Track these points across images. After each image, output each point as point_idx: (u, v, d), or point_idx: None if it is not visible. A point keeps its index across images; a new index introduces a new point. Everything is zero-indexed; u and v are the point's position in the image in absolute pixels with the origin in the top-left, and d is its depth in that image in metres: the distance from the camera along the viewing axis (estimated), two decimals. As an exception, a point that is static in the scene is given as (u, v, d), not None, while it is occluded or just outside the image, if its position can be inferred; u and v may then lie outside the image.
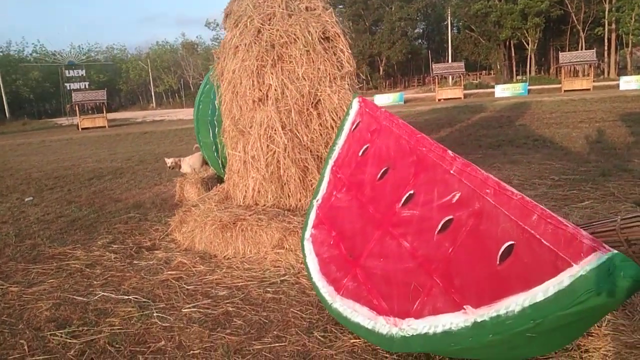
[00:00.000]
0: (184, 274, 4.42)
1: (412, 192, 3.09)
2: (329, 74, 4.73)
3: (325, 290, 3.31)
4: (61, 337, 3.37)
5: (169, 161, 8.05)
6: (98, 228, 6.33)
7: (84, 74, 44.58)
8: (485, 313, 2.18)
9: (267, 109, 4.71)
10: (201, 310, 3.66)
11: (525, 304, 2.02)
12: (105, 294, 4.09)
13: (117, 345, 3.23)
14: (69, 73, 43.01)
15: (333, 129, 4.77)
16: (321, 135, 4.80)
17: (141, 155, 14.83)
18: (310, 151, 4.80)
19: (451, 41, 47.74)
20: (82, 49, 60.29)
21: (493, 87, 34.49)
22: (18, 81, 50.92)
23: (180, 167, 8.09)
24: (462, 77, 34.66)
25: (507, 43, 48.05)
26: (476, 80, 47.73)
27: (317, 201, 4.08)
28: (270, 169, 4.80)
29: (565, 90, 30.13)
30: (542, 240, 2.08)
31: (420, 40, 63.60)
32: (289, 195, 4.86)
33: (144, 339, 3.30)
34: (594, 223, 2.89)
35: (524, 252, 2.16)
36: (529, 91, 32.14)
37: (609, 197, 5.77)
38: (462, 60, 47.39)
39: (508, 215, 2.30)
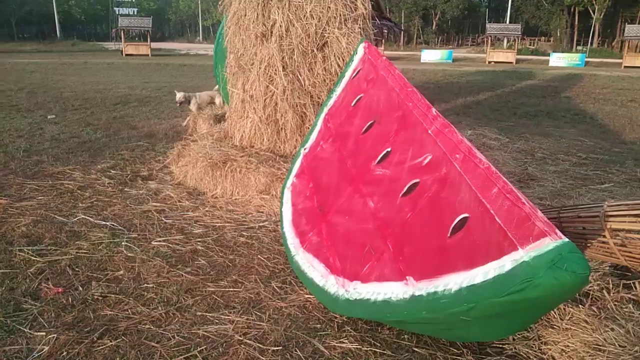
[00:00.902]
0: (168, 207, 4.37)
1: (389, 149, 2.86)
2: (340, 15, 4.40)
3: (291, 242, 3.18)
4: (27, 253, 3.39)
5: (179, 95, 7.84)
6: (104, 152, 6.34)
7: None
8: (424, 287, 1.99)
9: (270, 47, 4.46)
10: (170, 245, 3.61)
11: (464, 285, 1.82)
12: (85, 217, 4.08)
13: (76, 269, 3.22)
14: (119, -3, 43.03)
15: (338, 74, 4.49)
16: (324, 80, 4.53)
17: (172, 87, 14.75)
18: (311, 96, 4.55)
19: (512, 1, 44.85)
20: (136, -27, 60.11)
21: (549, 54, 32.47)
22: (71, 1, 51.43)
23: (189, 102, 7.90)
24: (516, 41, 32.72)
25: (572, 10, 44.78)
26: (533, 45, 45.08)
27: (304, 149, 3.89)
28: (267, 111, 4.60)
29: (625, 67, 28.07)
30: (495, 217, 1.84)
31: (480, -2, 60.35)
32: (284, 141, 4.67)
33: (105, 265, 3.28)
34: (581, 206, 2.61)
35: (475, 228, 1.93)
36: (586, 63, 30.11)
37: (634, 183, 5.35)
38: (522, 23, 44.76)
39: (470, 184, 2.06)
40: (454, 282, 1.87)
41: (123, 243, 3.59)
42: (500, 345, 2.47)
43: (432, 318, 1.94)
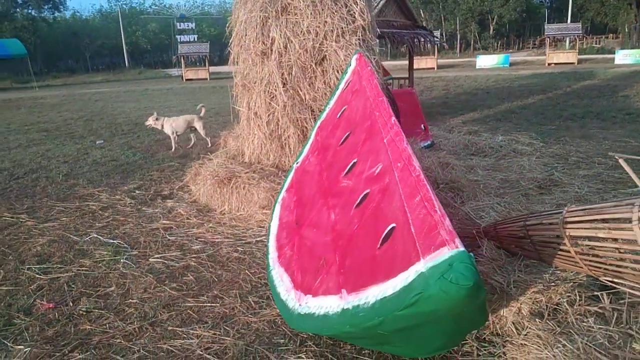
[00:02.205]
0: (175, 224, 4.52)
1: (355, 160, 2.82)
2: (337, 28, 4.41)
3: (271, 256, 3.19)
4: (33, 271, 3.62)
5: (150, 119, 7.90)
6: (136, 173, 6.66)
7: (194, 27, 46.55)
8: (352, 301, 1.94)
9: (269, 64, 4.53)
10: (166, 261, 3.72)
11: (378, 297, 1.76)
12: (96, 235, 4.30)
13: (72, 285, 3.39)
14: (180, 26, 45.21)
15: (337, 88, 4.47)
16: (325, 94, 4.54)
17: (220, 108, 15.31)
18: (312, 110, 4.57)
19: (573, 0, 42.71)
20: (196, 1, 63.08)
21: (615, 52, 30.55)
22: (137, 32, 54.68)
23: (162, 126, 7.94)
24: (577, 40, 31.05)
25: (640, 3, 41.94)
26: (599, 44, 42.59)
27: (297, 164, 3.91)
28: (271, 127, 4.66)
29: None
30: (411, 226, 1.77)
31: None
32: (288, 155, 4.71)
33: (99, 282, 3.44)
34: (545, 213, 2.42)
35: (397, 237, 1.87)
36: (658, 59, 28.07)
37: (672, 185, 4.90)
38: (587, 21, 42.46)
39: (401, 193, 2.00)
40: (372, 294, 1.81)
41: (122, 260, 3.75)
42: (465, 361, 2.35)
43: (355, 332, 1.88)
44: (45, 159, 7.95)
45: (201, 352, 2.55)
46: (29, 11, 50.11)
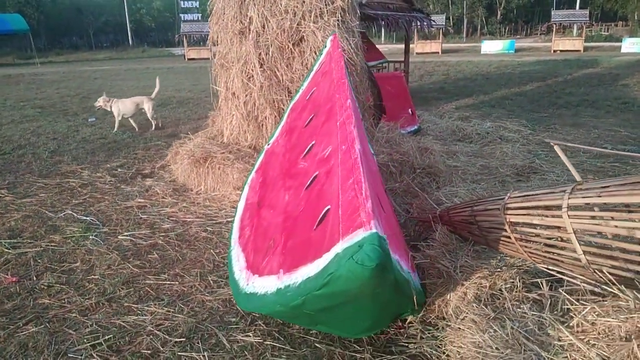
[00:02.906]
0: (150, 203, 4.54)
1: (313, 142, 2.81)
2: (315, 9, 4.36)
3: (233, 236, 3.21)
4: (3, 245, 3.65)
5: (99, 100, 7.90)
6: (122, 151, 6.68)
7: (198, 6, 46.10)
8: (285, 281, 1.95)
9: (247, 44, 4.50)
10: (134, 239, 3.75)
11: (304, 278, 1.77)
12: (70, 212, 4.33)
13: (38, 260, 3.43)
14: (183, 4, 44.77)
15: (314, 69, 4.44)
16: (302, 75, 4.50)
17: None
18: (289, 92, 4.54)
19: (582, -16, 41.82)
20: (201, -21, 62.43)
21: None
22: (142, 10, 54.33)
23: (110, 107, 7.90)
24: (583, 27, 30.59)
25: (653, -11, 41.09)
26: (607, 31, 41.94)
27: (267, 145, 3.90)
28: (248, 108, 4.64)
29: None
30: (339, 208, 1.77)
31: (550, -17, 56.92)
32: (265, 137, 4.69)
33: (65, 258, 3.47)
34: (490, 199, 2.41)
35: (329, 219, 1.88)
36: (667, 47, 27.61)
37: (652, 175, 4.87)
38: (597, 8, 41.72)
39: (339, 176, 1.99)
40: (301, 275, 1.82)
41: (91, 237, 3.78)
42: (406, 344, 2.37)
43: (286, 312, 1.90)
44: (35, 135, 7.96)
45: (152, 329, 2.58)
46: (33, -14, 49.74)
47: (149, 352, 2.39)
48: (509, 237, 2.18)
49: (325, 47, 4.05)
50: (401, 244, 2.39)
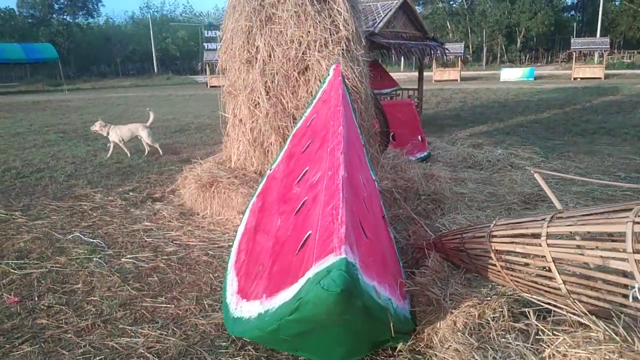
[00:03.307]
0: (156, 226, 4.61)
1: (307, 168, 2.85)
2: (320, 38, 4.46)
3: (230, 260, 3.24)
4: (10, 266, 3.74)
5: (97, 125, 8.05)
6: (135, 175, 6.82)
7: (221, 36, 47.31)
8: (265, 305, 1.97)
9: (254, 72, 4.61)
10: (137, 262, 3.81)
11: (281, 302, 1.78)
12: (78, 234, 4.43)
13: (42, 281, 3.50)
14: (207, 34, 46.03)
15: (320, 97, 4.52)
16: (307, 103, 4.57)
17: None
18: (294, 118, 4.61)
19: (602, 13, 41.76)
20: (225, 10, 64.24)
21: (646, 67, 29.79)
22: (167, 39, 55.98)
23: (107, 133, 8.05)
24: (604, 55, 30.39)
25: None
26: (630, 59, 41.56)
27: (270, 170, 3.95)
28: (254, 134, 4.73)
29: None
30: (317, 233, 1.79)
31: (571, 13, 57.05)
32: (271, 162, 4.75)
33: (68, 279, 3.54)
34: (479, 226, 2.39)
35: (309, 244, 1.89)
36: (692, 75, 27.21)
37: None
38: (619, 35, 41.51)
39: (322, 201, 2.02)
40: (279, 299, 1.83)
41: (95, 259, 3.85)
42: (393, 373, 2.35)
43: (263, 337, 1.91)
44: (55, 159, 8.20)
45: (143, 351, 2.60)
46: (64, 17, 51.81)
47: (137, 374, 2.41)
48: (495, 265, 2.16)
49: (329, 75, 4.13)
50: (389, 270, 2.39)
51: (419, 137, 6.96)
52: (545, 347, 1.68)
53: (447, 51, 10.82)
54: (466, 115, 13.15)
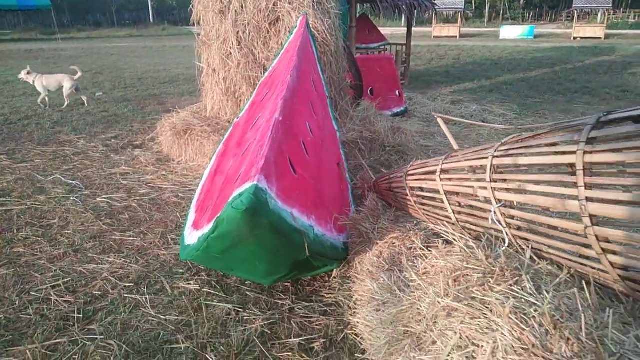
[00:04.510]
0: (133, 171, 4.86)
1: (260, 114, 3.08)
2: (290, -10, 4.58)
3: (193, 201, 3.50)
4: (-8, 203, 4.01)
5: (22, 73, 8.13)
6: (120, 123, 7.02)
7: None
8: (203, 230, 2.24)
9: (226, 23, 4.75)
10: (110, 201, 4.08)
11: (212, 225, 2.05)
12: (59, 176, 4.68)
13: (22, 217, 3.78)
14: (204, -17, 45.00)
15: (290, 49, 4.67)
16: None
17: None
18: (265, 69, 4.78)
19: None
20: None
21: (647, 27, 29.36)
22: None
23: (33, 82, 8.12)
24: (605, 14, 29.92)
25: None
26: (635, 19, 40.78)
27: (237, 118, 4.17)
28: (227, 84, 4.91)
29: None
30: (244, 166, 2.05)
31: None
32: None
33: (46, 215, 3.82)
34: (403, 168, 2.63)
35: (241, 177, 2.14)
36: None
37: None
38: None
39: (258, 140, 2.26)
40: (212, 223, 2.10)
41: (72, 198, 4.12)
42: (325, 295, 2.67)
43: (200, 256, 2.19)
44: (43, 107, 8.35)
45: (107, 275, 2.91)
46: (58, -38, 50.25)
47: (99, 293, 2.72)
48: (410, 201, 2.42)
49: (296, 27, 4.28)
50: (324, 206, 2.65)
51: (397, 92, 7.12)
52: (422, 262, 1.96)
53: (436, 7, 10.78)
54: (455, 73, 13.20)
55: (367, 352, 2.06)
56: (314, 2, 4.66)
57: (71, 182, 4.54)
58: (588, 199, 1.29)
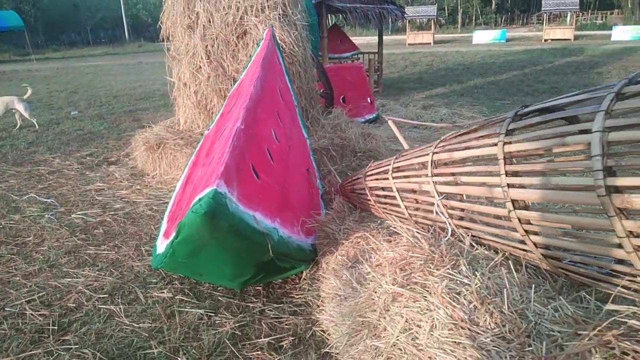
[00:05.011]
0: (108, 186, 4.91)
1: (227, 125, 3.17)
2: (256, 3, 4.70)
3: (165, 212, 3.57)
4: (-34, 224, 4.02)
5: None
6: (95, 141, 7.05)
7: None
8: (170, 237, 2.32)
9: (195, 37, 4.85)
10: (85, 217, 4.13)
11: (176, 230, 2.13)
12: (34, 195, 4.71)
13: (-4, 236, 3.80)
14: (179, -1, 45.13)
15: (258, 61, 4.79)
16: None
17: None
18: (235, 81, 4.89)
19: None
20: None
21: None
22: (138, 5, 54.65)
23: None
24: (574, 16, 30.76)
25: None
26: (603, 19, 41.99)
27: (207, 130, 4.26)
28: (198, 97, 5.00)
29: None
30: (210, 168, 2.14)
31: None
32: (214, 124, 5.05)
33: (21, 233, 3.85)
34: (363, 170, 2.76)
35: (206, 178, 2.24)
36: (659, 35, 27.70)
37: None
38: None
39: (219, 150, 2.36)
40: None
41: (47, 216, 4.16)
42: (295, 296, 2.76)
43: (168, 262, 2.28)
44: (18, 128, 8.33)
45: (82, 288, 2.96)
46: (29, -17, 49.93)
47: (74, 305, 2.78)
48: (370, 200, 2.54)
49: (262, 39, 4.40)
50: (290, 209, 2.76)
51: (368, 99, 7.28)
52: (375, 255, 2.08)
53: (406, 15, 11.03)
54: (428, 78, 13.47)
55: (331, 345, 2.16)
56: (280, 14, 4.80)
57: (46, 200, 4.57)
58: (509, 185, 1.41)
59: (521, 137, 1.39)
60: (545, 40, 29.93)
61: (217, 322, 2.56)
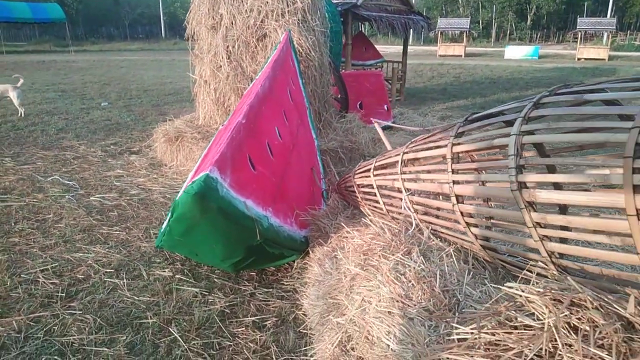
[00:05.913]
0: (127, 174, 5.19)
1: (234, 120, 3.39)
2: (277, 9, 4.93)
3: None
4: (-6, 199, 4.34)
5: None
6: (120, 131, 7.38)
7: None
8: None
9: (217, 38, 5.11)
10: (102, 200, 4.40)
11: (171, 209, 2.34)
12: (57, 177, 5.01)
13: (20, 212, 4.10)
14: (215, -1, 46.02)
15: (276, 63, 5.01)
16: (264, 68, 5.08)
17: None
18: (252, 81, 5.12)
19: (617, -7, 41.24)
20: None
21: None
22: (176, 3, 55.92)
23: None
24: (609, 36, 30.26)
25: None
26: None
27: (221, 126, 4.49)
28: (217, 95, 5.25)
29: None
30: (211, 155, 2.35)
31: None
32: (232, 121, 5.29)
33: (42, 211, 4.14)
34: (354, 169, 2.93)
35: (204, 165, 2.45)
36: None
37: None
38: (633, 17, 40.85)
39: (225, 138, 2.58)
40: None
41: (67, 197, 4.45)
42: (285, 282, 2.95)
43: (166, 240, 2.49)
44: (49, 115, 8.75)
45: (91, 262, 3.21)
46: (74, -23, 51.63)
47: (83, 277, 3.03)
48: (358, 197, 2.71)
49: (280, 42, 4.62)
50: (285, 201, 2.95)
51: (385, 106, 7.44)
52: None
53: (432, 26, 11.15)
54: (452, 90, 13.53)
55: (307, 325, 2.34)
56: (299, 20, 5.01)
57: (68, 182, 4.87)
58: (454, 182, 1.57)
59: (464, 140, 1.55)
60: (579, 59, 29.52)
61: (210, 300, 2.77)
